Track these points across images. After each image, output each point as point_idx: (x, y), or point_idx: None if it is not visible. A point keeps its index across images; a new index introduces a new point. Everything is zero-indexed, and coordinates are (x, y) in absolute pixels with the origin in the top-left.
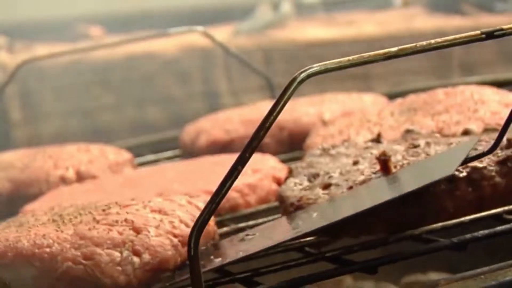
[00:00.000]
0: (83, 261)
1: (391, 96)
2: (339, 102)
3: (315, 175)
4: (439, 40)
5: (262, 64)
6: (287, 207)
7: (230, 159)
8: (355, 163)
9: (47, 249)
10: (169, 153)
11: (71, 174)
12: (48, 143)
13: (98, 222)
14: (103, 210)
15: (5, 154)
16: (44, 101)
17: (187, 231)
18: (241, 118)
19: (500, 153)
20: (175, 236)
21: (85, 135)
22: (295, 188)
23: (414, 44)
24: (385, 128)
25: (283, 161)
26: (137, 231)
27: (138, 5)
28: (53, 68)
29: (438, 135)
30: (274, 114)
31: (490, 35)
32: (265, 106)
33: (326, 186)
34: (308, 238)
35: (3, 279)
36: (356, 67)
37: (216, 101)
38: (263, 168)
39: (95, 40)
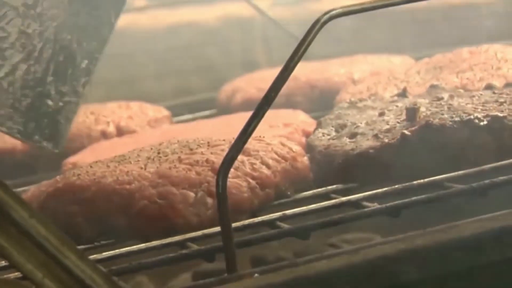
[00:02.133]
0: (158, 200)
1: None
2: (369, 62)
3: (343, 126)
4: None
5: (300, 34)
6: (315, 155)
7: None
8: (381, 114)
9: (127, 186)
10: (206, 112)
11: (111, 128)
12: None
13: (181, 161)
14: (191, 150)
15: None
16: None
17: (266, 173)
18: (275, 77)
19: None
20: (253, 178)
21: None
22: (323, 138)
23: None
24: (412, 85)
25: (314, 118)
26: (216, 172)
27: None
28: None
29: (461, 90)
30: (298, 55)
31: None
32: (299, 67)
33: (353, 135)
34: (334, 186)
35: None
36: (389, 37)
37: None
38: (294, 122)
39: (139, 11)
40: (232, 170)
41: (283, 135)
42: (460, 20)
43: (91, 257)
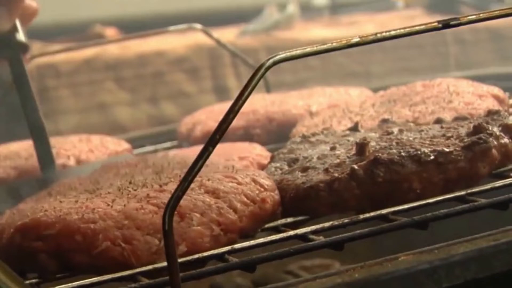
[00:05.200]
0: (122, 244)
1: (378, 90)
2: (327, 95)
3: (295, 160)
4: (398, 30)
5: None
6: None
7: (221, 147)
8: (332, 149)
9: (92, 225)
10: (167, 144)
11: (72, 162)
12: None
13: (149, 201)
14: (160, 186)
15: (12, 144)
16: (60, 97)
17: (232, 218)
18: None
19: (467, 139)
20: (219, 224)
21: (101, 129)
22: (276, 172)
23: (374, 33)
24: (366, 119)
25: (272, 150)
26: (182, 217)
27: (151, 7)
28: (68, 65)
29: (412, 123)
30: (242, 99)
31: (446, 25)
32: (257, 99)
33: (305, 170)
34: (284, 219)
35: None
36: (356, 66)
37: (226, 97)
38: (249, 156)
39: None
40: (198, 215)
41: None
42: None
43: None
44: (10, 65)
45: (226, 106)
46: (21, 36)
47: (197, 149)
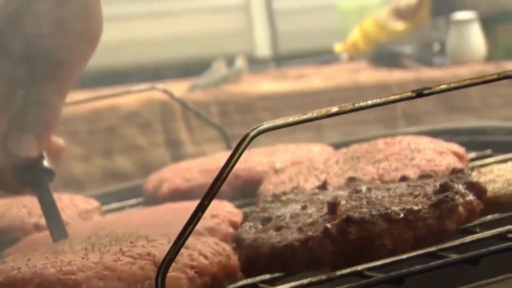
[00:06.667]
0: None
1: (338, 146)
2: (289, 152)
3: (268, 219)
4: (374, 100)
5: (219, 116)
6: (244, 248)
7: (190, 205)
8: (304, 207)
9: (72, 276)
10: (133, 201)
11: (44, 221)
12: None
13: (123, 253)
14: (131, 242)
15: None
16: None
17: (204, 262)
18: (200, 168)
19: (434, 198)
20: (192, 267)
21: (55, 184)
22: (250, 231)
23: (352, 103)
24: (331, 176)
25: (239, 206)
26: (158, 265)
27: (102, 62)
28: None
29: (378, 181)
30: (229, 167)
31: (419, 94)
32: (221, 156)
33: (278, 228)
34: (262, 276)
35: None
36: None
37: (178, 150)
38: (221, 213)
39: None
40: (172, 263)
41: (210, 226)
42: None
43: None
44: (35, 191)
45: (191, 163)
46: (47, 163)
47: (168, 207)
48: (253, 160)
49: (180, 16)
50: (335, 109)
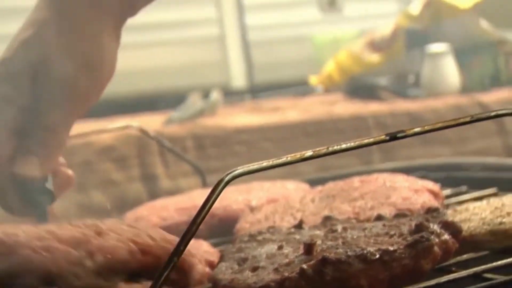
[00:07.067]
0: (43, 253)
1: (314, 182)
2: (265, 189)
3: (244, 259)
4: (348, 143)
5: (195, 150)
6: None
7: None
8: (280, 248)
9: (14, 238)
10: None
11: None
12: None
13: (72, 225)
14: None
15: None
16: None
17: (150, 242)
18: (176, 206)
19: (409, 238)
20: (135, 243)
21: None
22: (226, 272)
23: (326, 147)
24: (307, 214)
25: (215, 244)
26: (100, 234)
27: None
28: None
29: (354, 220)
30: (204, 211)
31: (393, 137)
32: (197, 194)
33: (255, 269)
34: None
35: None
36: (281, 152)
37: (154, 185)
38: (197, 253)
39: None
40: (115, 234)
41: None
42: (349, 132)
43: None
44: (33, 212)
45: (167, 201)
46: (49, 185)
47: None
48: (229, 198)
49: (155, 48)
50: (309, 153)
